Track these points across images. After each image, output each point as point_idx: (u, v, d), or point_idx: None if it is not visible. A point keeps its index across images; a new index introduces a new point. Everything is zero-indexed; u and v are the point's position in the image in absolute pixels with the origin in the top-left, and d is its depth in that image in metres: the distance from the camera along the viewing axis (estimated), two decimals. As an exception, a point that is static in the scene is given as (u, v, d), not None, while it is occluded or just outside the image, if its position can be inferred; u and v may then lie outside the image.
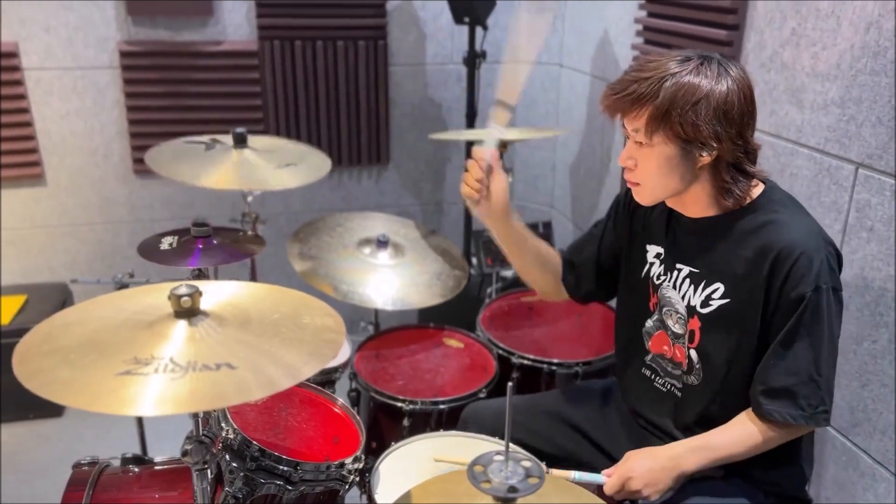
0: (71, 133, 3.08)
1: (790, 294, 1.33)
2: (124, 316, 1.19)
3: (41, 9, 2.89)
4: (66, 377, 1.05)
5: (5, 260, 3.17)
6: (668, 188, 1.41)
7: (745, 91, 1.34)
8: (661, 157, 1.36)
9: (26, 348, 1.13)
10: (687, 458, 1.43)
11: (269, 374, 1.06)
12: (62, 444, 2.81)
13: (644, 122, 1.34)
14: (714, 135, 1.31)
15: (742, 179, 1.38)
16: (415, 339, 2.28)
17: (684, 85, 1.30)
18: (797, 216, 1.39)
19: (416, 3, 3.25)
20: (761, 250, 1.36)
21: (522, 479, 1.10)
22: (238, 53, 3.10)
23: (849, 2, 1.70)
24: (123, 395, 1.01)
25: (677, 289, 1.51)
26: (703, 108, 1.30)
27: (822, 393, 1.36)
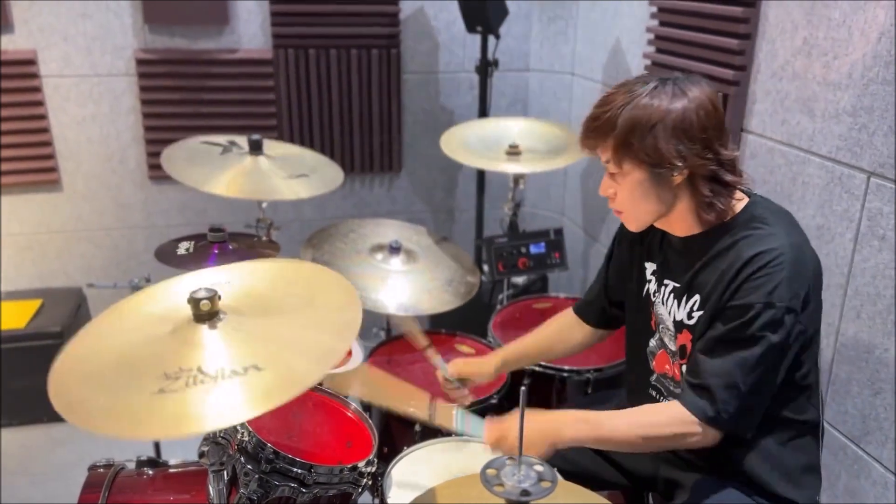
0: (87, 139, 3.12)
1: (742, 298, 1.33)
2: (147, 326, 1.19)
3: (60, 17, 2.94)
4: (104, 405, 1.04)
5: (22, 264, 3.21)
6: (650, 212, 1.44)
7: (705, 106, 1.34)
8: (634, 183, 1.40)
9: (61, 376, 1.13)
10: (568, 428, 1.43)
11: (294, 371, 1.08)
12: (76, 447, 2.83)
13: (611, 153, 1.39)
14: (677, 154, 1.33)
15: (722, 191, 1.39)
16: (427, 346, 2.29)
17: (640, 111, 1.34)
18: (776, 231, 1.37)
19: (429, 12, 3.28)
20: (733, 261, 1.37)
21: (535, 482, 1.11)
22: (253, 61, 3.13)
23: (860, 12, 1.72)
24: (163, 418, 1.01)
25: (665, 304, 1.53)
26: (661, 131, 1.33)
27: (739, 402, 1.34)
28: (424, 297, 2.27)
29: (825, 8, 1.83)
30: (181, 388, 1.04)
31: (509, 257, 2.54)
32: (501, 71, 3.23)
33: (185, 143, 2.34)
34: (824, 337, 1.89)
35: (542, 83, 3.49)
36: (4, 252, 3.17)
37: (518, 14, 3.34)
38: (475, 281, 2.37)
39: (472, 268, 2.46)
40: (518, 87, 3.51)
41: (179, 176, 2.16)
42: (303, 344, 1.16)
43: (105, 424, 1.01)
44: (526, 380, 2.09)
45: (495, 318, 2.38)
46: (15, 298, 3.12)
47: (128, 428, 1.00)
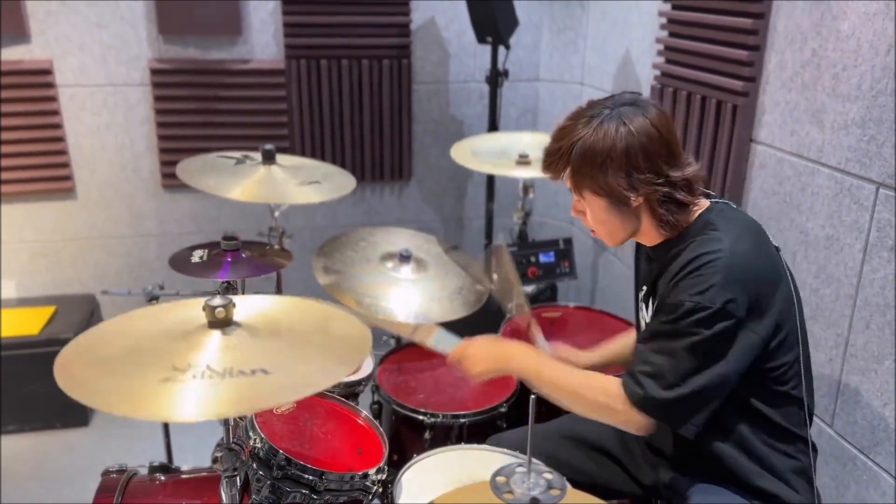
0: (102, 148, 3.16)
1: (675, 296, 1.37)
2: (160, 327, 1.23)
3: (76, 27, 2.98)
4: (109, 386, 1.08)
5: (36, 271, 3.25)
6: (619, 230, 1.50)
7: (649, 134, 1.38)
8: (597, 209, 1.48)
9: (67, 359, 1.17)
10: (517, 358, 1.58)
11: (302, 377, 1.10)
12: (88, 453, 2.85)
13: (570, 184, 1.48)
14: (628, 186, 1.40)
15: (676, 209, 1.43)
16: (436, 354, 2.30)
17: (586, 148, 1.40)
18: (722, 235, 1.40)
19: (439, 23, 3.31)
20: (678, 266, 1.41)
21: (544, 490, 1.13)
22: (265, 72, 3.17)
23: (869, 24, 1.73)
24: (166, 401, 1.04)
25: (642, 311, 1.61)
26: (609, 167, 1.39)
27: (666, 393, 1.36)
28: (434, 305, 2.28)
29: (834, 20, 1.84)
30: (188, 379, 1.07)
31: (519, 266, 2.55)
32: (511, 81, 3.25)
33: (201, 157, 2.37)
34: (833, 347, 1.89)
35: (552, 93, 3.50)
36: (19, 259, 3.21)
37: (528, 25, 3.36)
38: (485, 290, 2.38)
39: (482, 277, 2.47)
40: (528, 98, 3.53)
41: (195, 183, 2.18)
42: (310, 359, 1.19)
43: (106, 401, 1.04)
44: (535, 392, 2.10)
45: (505, 327, 2.39)
46: (29, 305, 3.15)
47: (128, 407, 1.03)
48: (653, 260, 1.55)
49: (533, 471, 1.15)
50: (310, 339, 1.23)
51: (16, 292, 3.24)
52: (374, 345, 2.05)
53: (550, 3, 3.38)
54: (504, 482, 1.14)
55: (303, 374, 1.13)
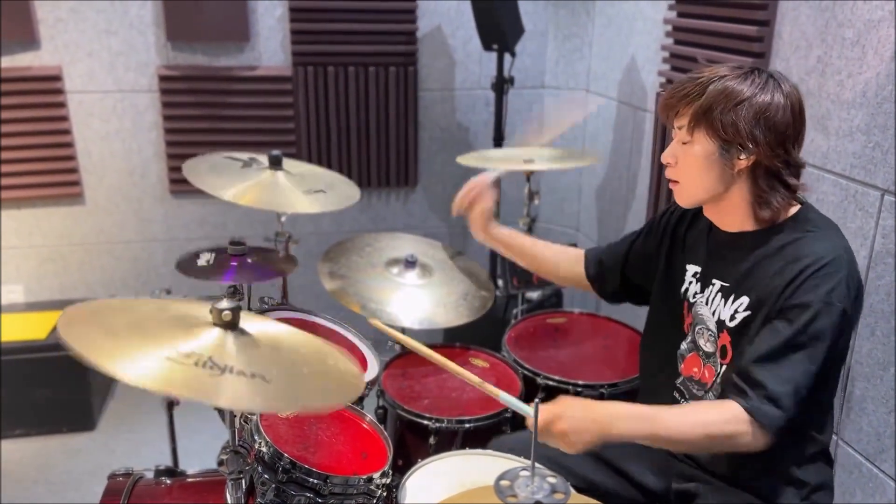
0: (110, 154, 3.18)
1: (798, 299, 1.33)
2: (167, 316, 1.22)
3: (85, 34, 3.01)
4: (113, 348, 1.06)
5: (44, 276, 3.27)
6: (705, 188, 1.44)
7: (793, 105, 1.37)
8: (700, 154, 1.41)
9: (73, 315, 1.14)
10: (622, 422, 1.37)
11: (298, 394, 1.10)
12: (93, 457, 2.86)
13: (688, 119, 1.41)
14: (752, 137, 1.35)
15: (781, 190, 1.40)
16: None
17: (729, 87, 1.37)
18: (830, 234, 1.40)
19: (445, 30, 3.32)
20: (787, 262, 1.37)
21: (548, 494, 1.12)
22: (273, 79, 3.19)
23: (874, 31, 1.73)
24: (168, 376, 1.04)
25: (709, 304, 1.53)
26: (744, 111, 1.35)
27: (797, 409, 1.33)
28: (439, 310, 2.28)
29: (839, 27, 1.84)
30: (190, 364, 1.07)
31: (524, 272, 2.55)
32: (517, 88, 3.26)
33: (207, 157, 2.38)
34: (839, 354, 1.89)
35: (558, 100, 3.51)
36: (28, 263, 3.23)
37: (534, 32, 3.38)
38: (490, 295, 2.39)
39: (487, 283, 2.48)
40: (533, 104, 3.54)
41: (200, 183, 2.18)
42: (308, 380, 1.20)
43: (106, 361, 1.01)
44: (540, 394, 2.10)
45: (510, 333, 2.39)
46: (37, 309, 3.17)
47: (126, 371, 1.00)
48: (732, 249, 1.49)
49: (537, 475, 1.15)
50: (308, 361, 1.23)
51: (24, 297, 3.26)
52: (379, 350, 2.07)
53: (556, 11, 3.39)
54: (508, 486, 1.14)
55: (299, 391, 1.14)
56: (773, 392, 1.31)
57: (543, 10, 3.39)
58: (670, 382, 1.63)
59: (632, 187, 3.04)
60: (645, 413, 1.39)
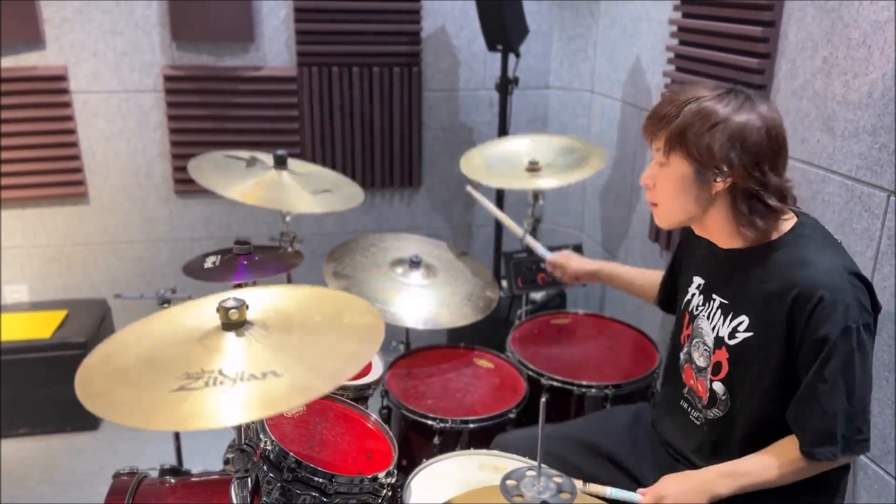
0: (115, 154, 3.18)
1: (815, 335, 1.34)
2: (176, 332, 1.24)
3: (90, 34, 3.01)
4: (125, 398, 1.09)
5: (48, 276, 3.27)
6: (683, 210, 1.45)
7: (769, 126, 1.36)
8: (676, 176, 1.42)
9: (88, 371, 1.18)
10: (719, 483, 1.44)
11: (311, 380, 1.11)
12: (97, 456, 2.87)
13: (664, 142, 1.42)
14: (726, 160, 1.35)
15: (762, 211, 1.39)
16: (445, 359, 2.31)
17: (704, 109, 1.37)
18: (823, 253, 1.39)
19: (450, 31, 3.33)
20: (783, 287, 1.37)
21: (554, 493, 1.12)
22: (277, 79, 3.19)
23: (880, 31, 1.73)
24: (177, 412, 1.06)
25: (710, 319, 1.54)
26: (719, 133, 1.35)
27: (858, 424, 1.36)
28: (444, 311, 2.29)
29: (845, 28, 1.84)
30: (200, 387, 1.09)
31: (528, 272, 2.55)
32: (521, 89, 3.26)
33: (210, 156, 2.38)
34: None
35: (562, 101, 3.52)
36: (32, 263, 3.24)
37: (538, 32, 3.38)
38: (494, 296, 2.39)
39: (492, 283, 2.48)
40: (538, 105, 3.54)
41: (206, 182, 2.18)
42: (323, 354, 1.20)
43: (121, 414, 1.06)
44: (545, 394, 2.10)
45: (514, 333, 2.39)
46: (41, 309, 3.17)
47: (142, 419, 1.05)
48: (726, 265, 1.51)
49: (543, 474, 1.15)
50: (321, 331, 1.24)
51: (28, 296, 3.27)
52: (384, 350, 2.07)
53: (560, 12, 3.39)
54: (514, 486, 1.14)
55: (313, 374, 1.14)
56: (826, 430, 1.35)
57: (548, 11, 3.39)
58: (679, 391, 1.66)
59: (636, 188, 3.04)
60: (734, 470, 1.45)
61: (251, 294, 1.34)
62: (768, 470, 1.43)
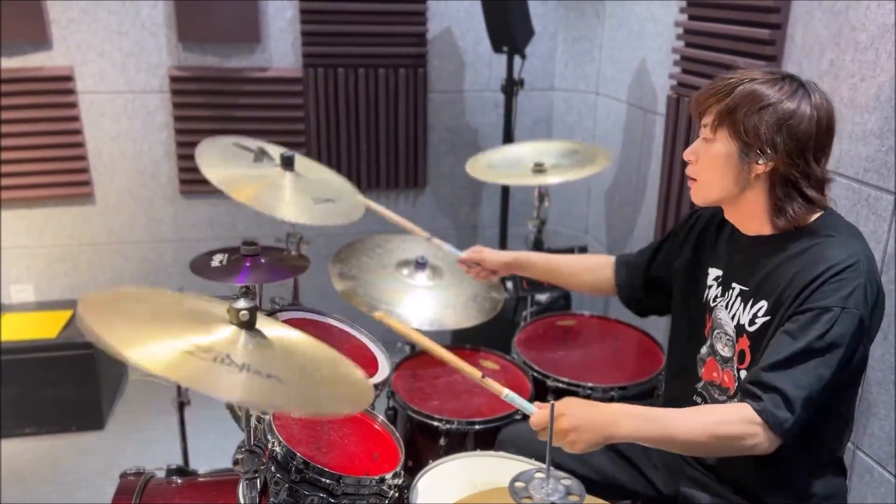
0: (121, 154, 3.19)
1: (818, 301, 1.32)
2: (183, 310, 1.23)
3: (97, 35, 3.02)
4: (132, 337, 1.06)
5: (54, 275, 3.28)
6: (721, 188, 1.45)
7: (819, 117, 1.36)
8: (720, 153, 1.42)
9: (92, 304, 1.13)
10: (627, 422, 1.36)
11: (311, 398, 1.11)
12: (103, 456, 2.87)
13: (713, 118, 1.42)
14: (772, 143, 1.36)
15: (798, 200, 1.39)
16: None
17: (757, 91, 1.37)
18: (851, 241, 1.38)
19: (455, 32, 3.33)
20: (805, 267, 1.36)
21: (563, 496, 1.13)
22: (283, 80, 3.20)
23: (888, 35, 1.73)
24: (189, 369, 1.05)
25: (729, 308, 1.52)
26: (768, 115, 1.36)
27: (807, 415, 1.32)
28: (449, 312, 2.29)
29: (852, 31, 1.84)
30: (209, 360, 1.08)
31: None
32: (526, 90, 3.26)
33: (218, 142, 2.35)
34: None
35: (567, 102, 3.52)
36: (38, 263, 3.25)
37: (543, 34, 3.38)
38: (499, 297, 2.39)
39: (497, 284, 2.48)
40: (543, 107, 3.54)
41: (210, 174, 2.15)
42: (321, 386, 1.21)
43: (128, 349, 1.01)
44: (551, 396, 2.10)
45: (519, 335, 2.39)
46: (47, 309, 3.18)
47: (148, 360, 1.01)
48: (751, 253, 1.49)
49: (552, 476, 1.15)
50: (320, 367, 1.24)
51: (34, 296, 3.28)
52: (390, 351, 2.07)
53: (566, 13, 3.40)
54: (523, 487, 1.14)
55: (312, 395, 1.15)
56: (785, 396, 1.30)
57: (553, 13, 3.40)
58: (691, 387, 1.64)
59: (641, 190, 3.04)
60: (650, 414, 1.39)
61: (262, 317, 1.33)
62: (679, 422, 1.34)
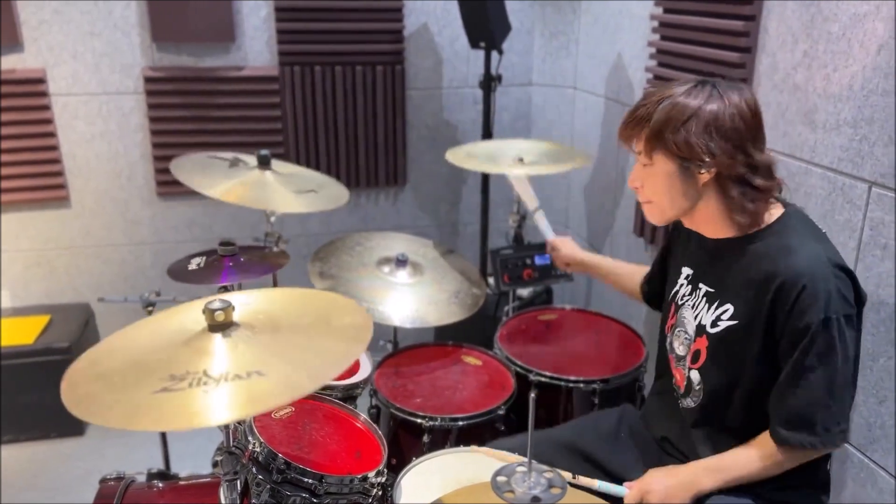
0: (96, 156, 3.15)
1: (797, 323, 1.35)
2: (163, 336, 1.23)
3: (69, 36, 2.98)
4: (108, 400, 1.09)
5: (31, 280, 3.23)
6: (674, 206, 1.47)
7: (741, 109, 1.38)
8: (663, 175, 1.44)
9: (74, 374, 1.18)
10: (704, 478, 1.47)
11: (295, 378, 1.11)
12: (84, 462, 2.84)
13: (644, 144, 1.44)
14: (706, 150, 1.37)
15: (753, 195, 1.41)
16: (433, 357, 2.31)
17: (676, 105, 1.39)
18: (808, 243, 1.40)
19: (432, 29, 3.32)
20: (768, 276, 1.39)
21: (545, 489, 1.13)
22: (259, 79, 3.17)
23: (860, 25, 1.74)
24: (158, 413, 1.06)
25: (694, 308, 1.55)
26: (693, 125, 1.37)
27: (837, 416, 1.38)
28: (431, 308, 2.28)
29: (825, 21, 1.85)
30: (183, 388, 1.08)
31: (514, 269, 2.56)
32: (505, 86, 3.27)
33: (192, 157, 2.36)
34: (829, 346, 1.90)
35: (546, 97, 3.52)
36: (14, 268, 3.20)
37: (520, 30, 3.38)
38: (481, 293, 2.39)
39: (478, 280, 2.48)
40: (521, 102, 3.54)
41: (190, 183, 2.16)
42: (309, 353, 1.20)
43: (103, 417, 1.05)
44: (534, 390, 2.11)
45: (501, 330, 2.40)
46: (23, 314, 3.14)
47: (124, 420, 1.04)
48: (714, 255, 1.52)
49: (534, 470, 1.15)
50: (309, 333, 1.24)
51: (10, 302, 3.23)
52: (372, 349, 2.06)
53: (542, 9, 3.40)
54: (505, 482, 1.14)
55: (298, 373, 1.14)
56: (806, 417, 1.37)
57: (530, 8, 3.40)
58: (669, 382, 1.67)
59: (620, 184, 3.05)
60: (718, 465, 1.48)
61: (240, 297, 1.34)
62: (750, 463, 1.45)
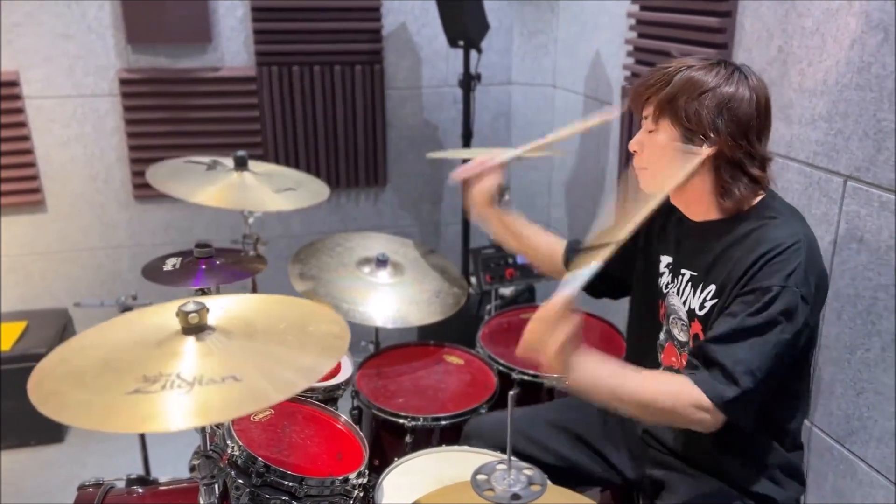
0: (71, 159, 3.11)
1: (760, 282, 1.33)
2: (135, 336, 1.22)
3: (42, 38, 2.94)
4: (79, 400, 1.07)
5: (6, 286, 3.19)
6: (671, 174, 1.45)
7: (758, 98, 1.39)
8: (664, 140, 1.43)
9: (42, 372, 1.16)
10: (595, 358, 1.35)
11: (273, 382, 1.09)
12: (64, 469, 2.81)
13: (653, 108, 1.44)
14: (714, 127, 1.37)
15: (744, 181, 1.41)
16: (415, 357, 2.30)
17: (694, 77, 1.39)
18: (791, 222, 1.41)
19: (411, 28, 3.31)
20: (749, 249, 1.38)
21: (525, 486, 1.13)
22: (236, 79, 3.15)
23: (832, 20, 1.76)
24: (132, 414, 1.04)
25: (680, 294, 1.54)
26: (707, 100, 1.37)
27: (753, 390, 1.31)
28: (412, 308, 2.27)
29: (798, 17, 1.87)
30: (156, 390, 1.07)
31: (496, 268, 2.56)
32: (484, 85, 3.26)
33: (169, 163, 2.35)
34: (807, 339, 1.91)
35: (525, 96, 3.52)
36: (-12, 274, 3.16)
37: (499, 29, 3.38)
38: (463, 292, 2.39)
39: (460, 279, 2.48)
40: (501, 101, 3.54)
41: (166, 189, 2.15)
42: (285, 361, 1.19)
43: (74, 416, 1.04)
44: (515, 388, 2.10)
45: (483, 329, 2.39)
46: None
47: (95, 421, 1.03)
48: (699, 238, 1.50)
49: (513, 468, 1.15)
50: (285, 339, 1.22)
51: (-14, 308, 3.19)
52: (353, 350, 2.05)
53: (521, 8, 3.40)
54: (485, 480, 1.14)
55: (274, 378, 1.13)
56: (726, 370, 1.30)
57: (508, 7, 3.40)
58: None
59: (600, 181, 3.06)
60: (615, 365, 1.38)
61: (217, 301, 1.32)
62: (639, 386, 1.34)
